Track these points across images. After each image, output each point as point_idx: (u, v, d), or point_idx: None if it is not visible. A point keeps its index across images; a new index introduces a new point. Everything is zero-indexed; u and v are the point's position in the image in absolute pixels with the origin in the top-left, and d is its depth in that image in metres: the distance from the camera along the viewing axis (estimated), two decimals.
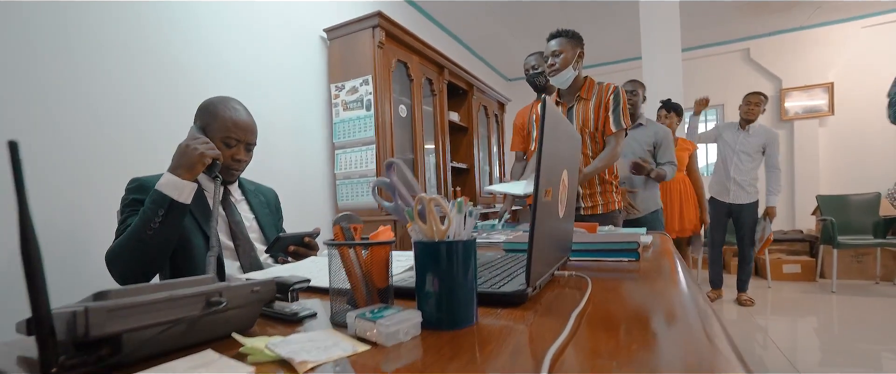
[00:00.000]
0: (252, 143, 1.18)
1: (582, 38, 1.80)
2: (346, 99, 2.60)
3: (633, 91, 2.56)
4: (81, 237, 1.50)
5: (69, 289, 1.43)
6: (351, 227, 0.53)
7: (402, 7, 3.53)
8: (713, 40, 4.83)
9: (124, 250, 0.94)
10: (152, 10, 1.75)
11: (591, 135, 1.75)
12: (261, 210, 1.26)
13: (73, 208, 1.48)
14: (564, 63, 1.73)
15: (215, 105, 1.13)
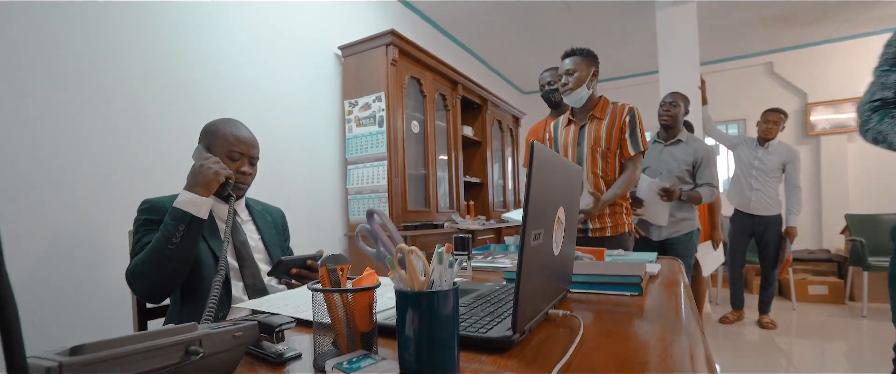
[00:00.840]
0: (255, 157, 1.23)
1: (597, 57, 1.79)
2: (359, 115, 2.64)
3: (673, 103, 2.41)
4: (100, 246, 1.55)
5: (85, 300, 1.47)
6: (338, 268, 0.53)
7: (417, 22, 3.57)
8: (734, 54, 4.73)
9: (147, 265, 0.99)
10: (170, 29, 1.81)
11: (603, 154, 1.72)
12: (267, 230, 1.29)
13: (91, 223, 1.53)
14: (578, 82, 1.72)
15: (216, 124, 1.19)
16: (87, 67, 1.55)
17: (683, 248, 2.33)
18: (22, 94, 1.39)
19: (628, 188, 1.73)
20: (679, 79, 3.40)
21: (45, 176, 1.43)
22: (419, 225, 2.60)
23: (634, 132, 1.72)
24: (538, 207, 0.52)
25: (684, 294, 0.88)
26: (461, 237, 1.14)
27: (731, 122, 5.01)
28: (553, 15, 3.73)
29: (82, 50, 1.54)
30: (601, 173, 1.73)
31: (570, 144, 1.80)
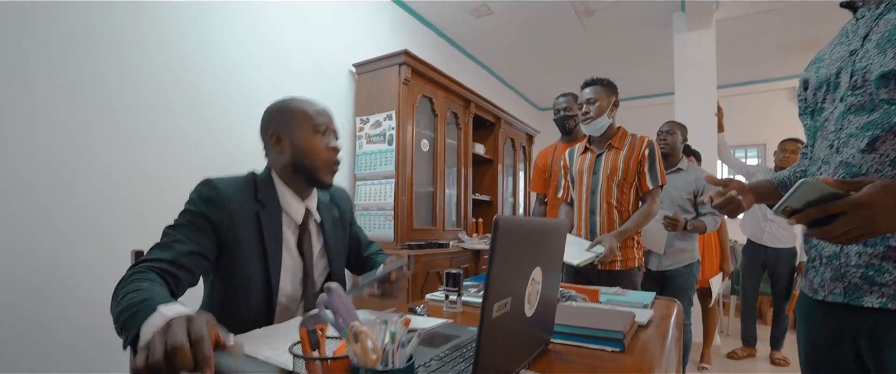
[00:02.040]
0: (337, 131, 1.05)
1: (617, 87, 1.81)
2: (370, 132, 2.67)
3: (669, 131, 2.40)
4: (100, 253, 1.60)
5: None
6: (317, 328, 0.54)
7: (433, 39, 3.61)
8: (756, 78, 4.65)
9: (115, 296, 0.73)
10: (185, 44, 1.87)
11: (619, 184, 1.72)
12: (332, 232, 1.10)
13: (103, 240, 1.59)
14: (599, 111, 1.74)
15: (285, 103, 1.01)
16: (103, 81, 1.61)
17: (683, 280, 2.29)
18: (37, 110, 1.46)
19: (645, 222, 1.72)
20: (695, 102, 3.36)
21: (47, 178, 1.49)
22: (424, 244, 2.61)
23: (653, 166, 1.71)
24: (504, 278, 0.53)
25: (673, 349, 0.86)
26: (452, 273, 1.15)
27: (750, 146, 4.91)
28: (570, 34, 3.73)
29: (100, 64, 1.60)
30: (616, 204, 1.72)
31: (586, 172, 1.79)
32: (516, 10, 3.32)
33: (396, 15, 3.18)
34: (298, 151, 0.98)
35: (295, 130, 0.97)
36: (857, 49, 0.77)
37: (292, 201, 1.01)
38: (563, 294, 1.24)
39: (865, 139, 0.72)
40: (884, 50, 0.70)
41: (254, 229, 0.94)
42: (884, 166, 0.70)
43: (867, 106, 0.73)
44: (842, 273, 0.75)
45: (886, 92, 0.70)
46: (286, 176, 1.00)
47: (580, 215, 1.79)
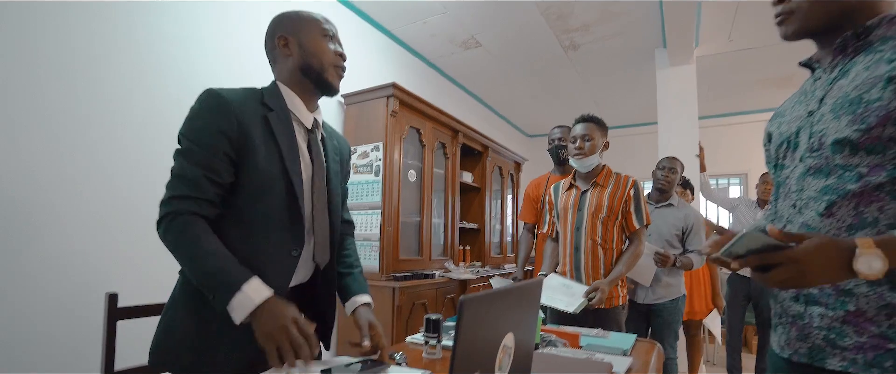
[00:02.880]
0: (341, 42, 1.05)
1: (607, 127, 1.86)
2: (357, 162, 2.69)
3: (672, 169, 2.44)
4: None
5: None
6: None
7: (422, 69, 3.67)
8: (736, 110, 4.79)
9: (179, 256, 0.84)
10: (174, 73, 1.88)
11: (604, 221, 1.74)
12: (333, 158, 1.06)
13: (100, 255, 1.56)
14: (592, 149, 1.77)
15: (293, 11, 1.01)
16: (84, 79, 1.62)
17: (669, 315, 2.31)
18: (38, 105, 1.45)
19: (634, 263, 1.74)
20: (677, 133, 3.44)
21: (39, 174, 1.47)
22: (409, 275, 2.59)
23: (639, 206, 1.74)
24: (470, 355, 0.53)
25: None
26: (431, 319, 1.14)
27: (732, 176, 5.01)
28: (556, 66, 3.82)
29: (84, 63, 1.61)
30: (600, 241, 1.74)
31: (571, 208, 1.81)
32: (504, 43, 3.41)
33: (386, 46, 3.24)
34: (307, 53, 0.97)
35: (303, 34, 0.98)
36: (814, 110, 0.79)
37: (300, 106, 0.98)
38: (544, 338, 1.24)
39: (823, 203, 0.74)
40: (838, 116, 0.73)
41: (265, 130, 0.91)
42: (841, 231, 0.71)
43: (824, 169, 0.75)
44: (806, 334, 0.76)
45: (841, 158, 0.72)
46: (294, 81, 0.99)
47: (565, 251, 1.81)
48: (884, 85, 0.67)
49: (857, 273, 0.58)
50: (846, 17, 0.75)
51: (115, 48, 1.69)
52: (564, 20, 3.03)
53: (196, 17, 1.99)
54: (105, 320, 1.13)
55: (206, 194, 0.85)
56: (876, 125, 0.67)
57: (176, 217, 0.83)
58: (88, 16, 1.61)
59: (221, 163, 0.86)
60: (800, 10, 0.77)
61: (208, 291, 0.82)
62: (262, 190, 0.89)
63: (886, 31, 0.73)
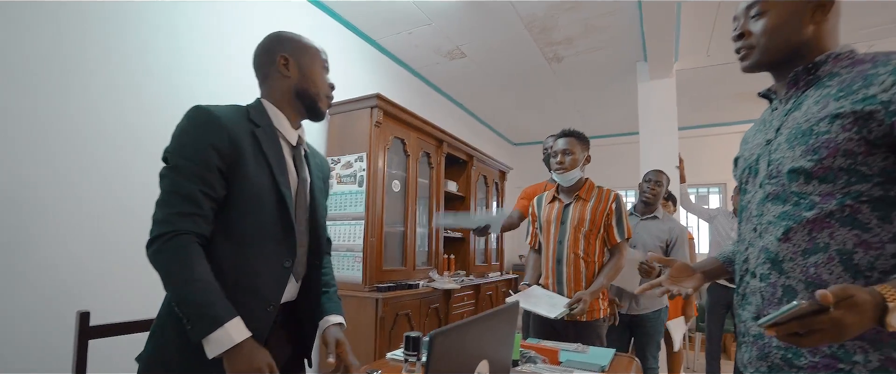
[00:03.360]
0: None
1: (589, 141, 1.89)
2: (341, 173, 2.67)
3: (658, 182, 2.48)
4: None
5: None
6: None
7: (407, 78, 3.68)
8: (714, 122, 4.91)
9: (166, 277, 0.82)
10: (158, 85, 1.86)
11: (586, 235, 1.76)
12: (317, 175, 1.09)
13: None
14: (573, 163, 1.79)
15: (294, 34, 1.03)
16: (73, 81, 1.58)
17: (652, 326, 2.34)
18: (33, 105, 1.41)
19: (615, 276, 1.76)
20: (658, 143, 3.51)
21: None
22: (393, 286, 2.58)
23: (621, 220, 1.77)
24: None
25: None
26: (411, 337, 1.14)
27: (712, 185, 5.12)
28: (540, 77, 3.87)
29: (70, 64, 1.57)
30: (582, 254, 1.76)
31: (554, 221, 1.83)
32: (488, 54, 3.44)
33: (370, 55, 3.24)
34: (306, 79, 1.00)
35: (305, 60, 1.00)
36: (771, 139, 0.84)
37: (285, 124, 1.00)
38: (523, 355, 1.25)
39: (781, 229, 0.78)
40: (792, 146, 0.78)
41: (254, 146, 0.92)
42: (797, 255, 0.76)
43: (781, 196, 0.79)
44: (766, 353, 0.80)
45: (796, 185, 0.77)
46: (284, 101, 1.00)
47: (548, 263, 1.82)
48: (830, 120, 0.73)
49: (888, 327, 0.59)
50: (798, 53, 0.82)
51: (91, 64, 1.66)
52: (548, 33, 3.08)
53: (177, 28, 1.96)
54: (76, 339, 1.10)
55: (203, 210, 0.84)
56: (826, 156, 0.73)
57: (174, 237, 0.81)
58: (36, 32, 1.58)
59: (215, 177, 0.86)
60: (759, 46, 0.84)
61: (188, 318, 0.80)
62: (254, 203, 0.90)
63: (833, 68, 0.79)
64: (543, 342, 1.52)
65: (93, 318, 1.13)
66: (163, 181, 0.85)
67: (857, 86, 0.73)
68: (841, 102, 0.73)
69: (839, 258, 0.72)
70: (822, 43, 0.81)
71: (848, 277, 0.71)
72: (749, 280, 0.85)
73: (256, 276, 0.88)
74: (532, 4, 2.73)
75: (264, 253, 0.90)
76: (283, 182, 0.93)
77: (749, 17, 0.86)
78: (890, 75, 0.69)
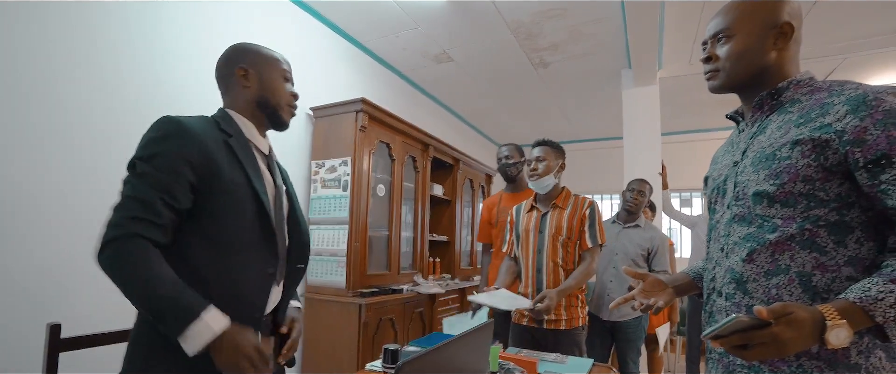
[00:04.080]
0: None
1: (564, 151, 1.91)
2: (325, 177, 2.66)
3: (641, 191, 2.51)
4: None
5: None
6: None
7: (393, 81, 3.67)
8: (697, 128, 4.99)
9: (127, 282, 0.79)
10: (137, 87, 1.83)
11: (564, 243, 1.77)
12: (289, 183, 1.12)
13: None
14: (546, 170, 1.81)
15: (254, 45, 1.03)
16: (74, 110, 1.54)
17: (632, 332, 2.37)
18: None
19: (585, 280, 1.77)
20: (641, 148, 3.56)
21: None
22: (376, 291, 2.57)
23: (593, 225, 1.78)
24: None
25: None
26: (389, 349, 1.14)
27: (694, 190, 5.20)
28: (526, 82, 3.89)
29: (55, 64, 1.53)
30: (561, 262, 1.77)
31: (532, 230, 1.84)
32: (475, 59, 3.45)
33: (357, 57, 3.23)
34: (265, 89, 1.00)
35: (264, 70, 1.00)
36: (738, 161, 0.87)
37: (255, 133, 1.01)
38: (502, 366, 1.26)
39: (745, 250, 0.80)
40: (757, 170, 0.80)
41: (228, 155, 0.91)
42: (760, 276, 0.78)
43: (747, 217, 0.82)
44: (730, 371, 0.82)
45: (760, 208, 0.79)
46: (247, 112, 1.01)
47: (527, 273, 1.83)
48: (791, 146, 0.76)
49: (827, 343, 0.63)
50: (761, 78, 0.85)
51: (70, 68, 1.62)
52: (534, 39, 3.10)
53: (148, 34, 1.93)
54: (45, 352, 1.08)
55: (160, 219, 0.82)
56: (787, 181, 0.75)
57: (127, 241, 0.78)
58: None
59: (181, 188, 0.84)
60: (724, 70, 0.87)
61: (160, 318, 0.78)
62: (234, 212, 0.89)
63: (794, 94, 0.82)
64: (523, 351, 1.53)
65: (64, 330, 1.11)
66: (124, 187, 0.83)
67: (815, 114, 0.75)
68: (801, 128, 0.76)
69: (799, 280, 0.74)
70: (783, 69, 0.84)
71: (806, 298, 0.73)
72: (715, 299, 0.88)
73: (241, 283, 0.88)
74: (518, 11, 2.74)
75: (248, 261, 0.90)
76: (261, 190, 0.93)
77: (716, 41, 0.88)
78: (843, 105, 0.72)
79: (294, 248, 1.03)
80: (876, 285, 0.65)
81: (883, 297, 0.63)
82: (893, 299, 0.63)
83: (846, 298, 0.66)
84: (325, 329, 2.52)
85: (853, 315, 0.64)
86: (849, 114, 0.71)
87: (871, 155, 0.68)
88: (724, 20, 0.87)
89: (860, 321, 0.64)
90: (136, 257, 0.77)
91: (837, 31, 2.96)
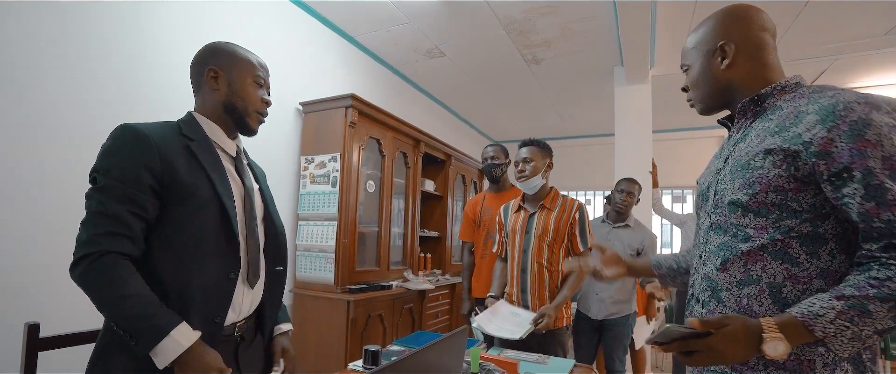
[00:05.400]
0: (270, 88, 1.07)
1: (551, 151, 1.90)
2: (315, 172, 2.65)
3: (630, 193, 2.52)
4: None
5: None
6: None
7: (385, 75, 3.64)
8: (687, 126, 5.01)
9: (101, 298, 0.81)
10: (118, 83, 1.80)
11: (550, 244, 1.78)
12: (264, 183, 1.10)
13: None
14: (534, 171, 1.81)
15: (230, 46, 1.00)
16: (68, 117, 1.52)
17: (620, 330, 2.40)
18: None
19: (578, 286, 1.78)
20: (633, 145, 3.58)
21: None
22: (365, 287, 2.58)
23: (584, 229, 1.79)
24: None
25: None
26: (370, 350, 1.15)
27: (685, 187, 5.23)
28: (519, 78, 3.88)
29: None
30: (546, 263, 1.78)
31: (519, 230, 1.85)
32: (468, 54, 3.43)
33: (348, 52, 3.20)
34: (235, 94, 0.98)
35: (236, 74, 0.98)
36: (721, 169, 0.86)
37: (221, 135, 0.99)
38: (483, 367, 1.27)
39: (719, 259, 0.81)
40: (734, 178, 0.80)
41: (190, 160, 0.90)
42: (732, 286, 0.78)
43: (722, 226, 0.81)
44: (700, 371, 0.84)
45: (735, 217, 0.79)
46: (215, 115, 0.99)
47: (512, 273, 1.84)
48: (764, 156, 0.75)
49: (764, 354, 0.65)
50: (730, 95, 0.87)
51: (51, 65, 1.59)
52: (526, 36, 3.08)
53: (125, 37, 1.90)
54: (24, 352, 1.07)
55: (131, 231, 0.83)
56: (759, 191, 0.74)
57: (100, 257, 0.80)
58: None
59: (147, 197, 0.85)
60: (694, 97, 0.93)
61: (131, 334, 0.80)
62: (195, 218, 0.88)
63: (777, 100, 0.81)
64: (506, 352, 1.54)
65: (43, 329, 1.10)
66: (89, 202, 0.83)
67: (789, 122, 0.74)
68: (775, 137, 0.75)
69: (769, 291, 0.74)
70: (752, 80, 0.84)
71: (776, 309, 0.73)
72: (694, 305, 0.88)
73: (200, 289, 0.88)
74: (510, 7, 2.73)
75: (207, 266, 0.89)
76: (226, 194, 0.92)
77: (685, 73, 0.94)
78: (814, 114, 0.71)
79: (270, 249, 1.02)
80: (820, 301, 0.65)
81: (824, 312, 0.64)
82: (834, 316, 0.63)
83: (790, 312, 0.67)
84: (312, 326, 2.53)
85: (793, 329, 0.65)
86: (817, 124, 0.70)
87: (834, 168, 0.68)
88: (683, 55, 0.95)
89: (800, 335, 0.65)
90: (108, 275, 0.79)
91: (828, 32, 2.97)
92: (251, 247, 0.97)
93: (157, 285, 0.83)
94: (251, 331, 1.01)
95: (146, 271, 0.83)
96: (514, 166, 1.87)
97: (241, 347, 0.98)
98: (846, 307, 0.63)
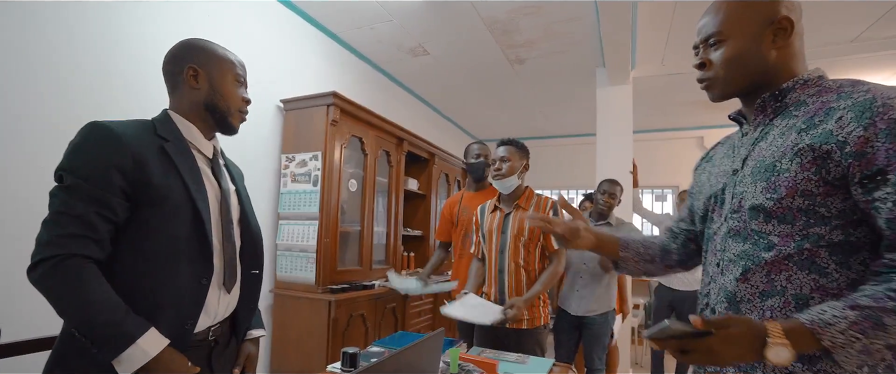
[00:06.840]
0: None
1: (528, 151, 1.90)
2: (295, 171, 2.61)
3: (612, 194, 2.55)
4: None
5: None
6: None
7: (368, 72, 3.61)
8: (669, 126, 5.10)
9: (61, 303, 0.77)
10: (104, 78, 1.75)
11: (525, 244, 1.78)
12: (241, 184, 1.08)
13: None
14: (510, 170, 1.80)
15: (207, 43, 0.97)
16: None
17: (599, 328, 2.43)
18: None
19: (551, 284, 1.78)
20: (614, 145, 3.62)
21: None
22: (346, 287, 2.55)
23: None
24: None
25: None
26: (348, 353, 1.14)
27: (665, 187, 5.33)
28: (502, 77, 3.89)
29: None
30: (523, 263, 1.78)
31: (495, 230, 1.85)
32: (451, 53, 3.42)
33: (331, 49, 3.16)
34: (216, 93, 0.95)
35: (216, 73, 0.95)
36: (738, 169, 0.79)
37: (197, 136, 0.96)
38: (462, 367, 1.26)
39: (740, 268, 0.75)
40: (755, 181, 0.73)
41: (163, 161, 0.87)
42: (754, 297, 0.73)
43: (742, 233, 0.75)
44: (699, 368, 0.82)
45: (757, 223, 0.72)
46: (194, 114, 0.96)
47: (490, 273, 1.84)
48: (791, 156, 0.68)
49: (767, 360, 0.60)
50: (762, 81, 0.77)
51: (30, 65, 1.53)
52: (510, 35, 3.09)
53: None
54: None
55: (97, 234, 0.79)
56: (785, 195, 0.68)
57: (62, 261, 0.76)
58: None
59: (116, 198, 0.81)
60: (719, 78, 0.80)
61: (94, 341, 0.77)
62: (167, 220, 0.86)
63: (800, 95, 0.74)
64: (485, 351, 1.54)
65: (4, 334, 1.06)
66: (53, 201, 0.79)
67: (819, 119, 0.68)
68: (802, 135, 0.68)
69: (795, 303, 0.69)
70: (787, 68, 0.76)
71: None
72: (708, 315, 0.80)
73: (170, 295, 0.85)
74: (493, 7, 2.73)
75: (178, 271, 0.86)
76: (200, 196, 0.90)
77: (709, 45, 0.80)
78: (848, 111, 0.65)
79: (246, 252, 1.00)
80: (833, 309, 0.61)
81: (835, 322, 0.59)
82: (846, 326, 0.59)
83: (799, 318, 0.62)
84: (293, 326, 2.49)
85: (801, 337, 0.60)
86: (852, 121, 0.63)
87: (867, 170, 0.62)
88: (714, 21, 0.78)
89: (808, 343, 0.61)
90: (71, 279, 0.75)
91: (820, 33, 3.03)
92: (227, 251, 0.94)
93: (123, 290, 0.80)
94: (226, 335, 0.99)
95: (112, 276, 0.80)
96: (491, 165, 1.86)
97: (215, 351, 0.96)
98: (860, 318, 0.59)
